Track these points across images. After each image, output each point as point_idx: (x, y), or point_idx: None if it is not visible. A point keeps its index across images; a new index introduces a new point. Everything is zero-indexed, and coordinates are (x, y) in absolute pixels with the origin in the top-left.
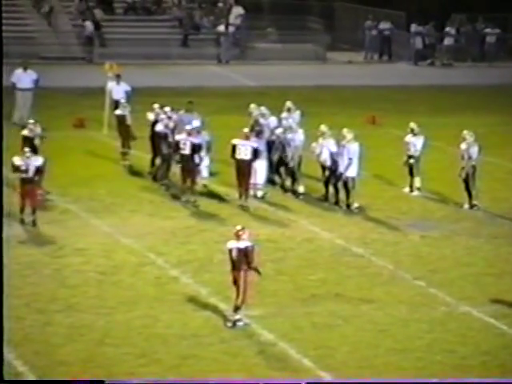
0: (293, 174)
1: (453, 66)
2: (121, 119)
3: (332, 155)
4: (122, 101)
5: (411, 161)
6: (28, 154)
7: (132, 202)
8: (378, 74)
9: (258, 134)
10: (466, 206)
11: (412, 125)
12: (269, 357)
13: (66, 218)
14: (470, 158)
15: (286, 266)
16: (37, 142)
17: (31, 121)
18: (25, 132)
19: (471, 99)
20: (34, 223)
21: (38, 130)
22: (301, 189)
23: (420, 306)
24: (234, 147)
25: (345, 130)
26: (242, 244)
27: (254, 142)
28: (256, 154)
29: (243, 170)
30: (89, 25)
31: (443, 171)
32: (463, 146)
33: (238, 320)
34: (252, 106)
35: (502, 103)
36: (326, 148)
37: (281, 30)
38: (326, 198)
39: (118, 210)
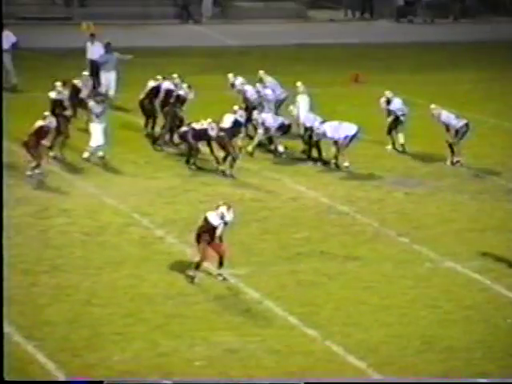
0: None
1: (434, 22)
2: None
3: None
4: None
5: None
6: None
7: (116, 163)
8: (360, 31)
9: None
10: (448, 162)
11: (388, 94)
12: (254, 315)
13: (50, 180)
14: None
15: (271, 225)
16: (66, 104)
17: (58, 83)
18: (52, 95)
19: (453, 56)
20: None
21: (66, 92)
22: (280, 148)
23: (404, 263)
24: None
25: None
26: (216, 221)
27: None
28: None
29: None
30: None
31: (426, 128)
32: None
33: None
34: (230, 75)
35: (483, 59)
36: (302, 108)
37: None
38: (308, 157)
39: (102, 171)
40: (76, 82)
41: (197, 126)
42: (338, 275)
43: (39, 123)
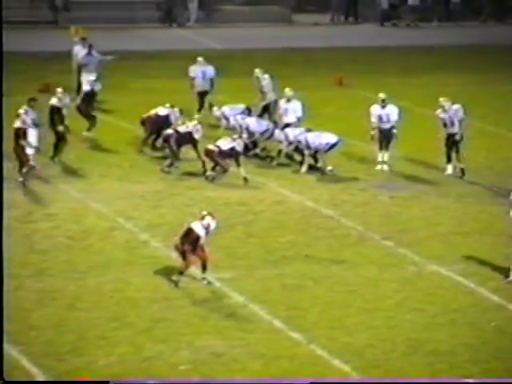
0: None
1: (418, 26)
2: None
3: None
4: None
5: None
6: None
7: (100, 167)
8: (345, 35)
9: None
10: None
11: (382, 95)
12: (240, 318)
13: (35, 184)
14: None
15: (256, 229)
16: (65, 112)
17: (60, 90)
18: (53, 101)
19: (439, 59)
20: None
21: (67, 99)
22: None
23: (389, 266)
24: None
25: None
26: (202, 231)
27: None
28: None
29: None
30: None
31: (411, 131)
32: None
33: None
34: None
35: (469, 63)
36: (293, 117)
37: None
38: (290, 158)
39: (87, 175)
40: None
41: (181, 128)
42: (323, 279)
43: (16, 125)
